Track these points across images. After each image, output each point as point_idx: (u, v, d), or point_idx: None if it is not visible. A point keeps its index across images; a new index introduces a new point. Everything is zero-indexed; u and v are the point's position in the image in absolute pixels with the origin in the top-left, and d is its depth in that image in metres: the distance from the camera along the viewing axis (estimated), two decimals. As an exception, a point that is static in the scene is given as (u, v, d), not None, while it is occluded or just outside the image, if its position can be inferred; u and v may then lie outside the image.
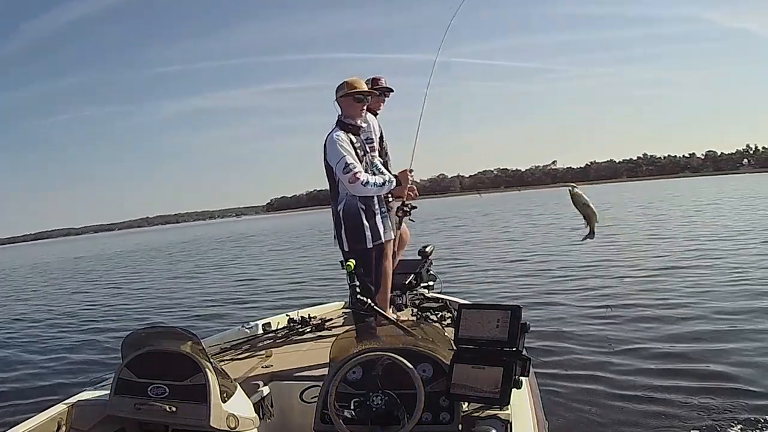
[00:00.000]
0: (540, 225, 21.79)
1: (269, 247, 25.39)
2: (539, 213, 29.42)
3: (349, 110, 3.27)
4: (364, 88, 3.33)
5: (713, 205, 24.46)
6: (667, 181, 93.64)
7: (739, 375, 4.14)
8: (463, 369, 2.06)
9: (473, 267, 11.53)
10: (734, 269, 8.28)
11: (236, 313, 8.67)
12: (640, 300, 6.83)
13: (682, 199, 32.59)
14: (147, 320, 9.19)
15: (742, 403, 3.68)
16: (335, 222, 3.30)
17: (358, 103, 3.27)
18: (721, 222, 16.07)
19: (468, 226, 23.93)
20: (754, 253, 9.59)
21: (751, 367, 4.26)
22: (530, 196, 48.19)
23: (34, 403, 4.85)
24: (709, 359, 4.54)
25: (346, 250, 3.25)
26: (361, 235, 3.24)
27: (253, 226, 63.15)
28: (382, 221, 3.35)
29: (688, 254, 10.31)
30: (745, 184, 47.28)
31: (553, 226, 20.13)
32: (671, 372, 4.35)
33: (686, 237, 13.14)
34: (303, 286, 11.25)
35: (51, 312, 11.52)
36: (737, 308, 5.97)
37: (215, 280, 14.17)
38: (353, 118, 3.29)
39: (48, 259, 39.18)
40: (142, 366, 2.31)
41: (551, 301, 7.27)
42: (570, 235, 16.26)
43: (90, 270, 23.83)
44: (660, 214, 21.59)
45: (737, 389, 3.90)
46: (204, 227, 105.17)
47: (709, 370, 4.30)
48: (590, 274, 9.20)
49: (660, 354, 4.78)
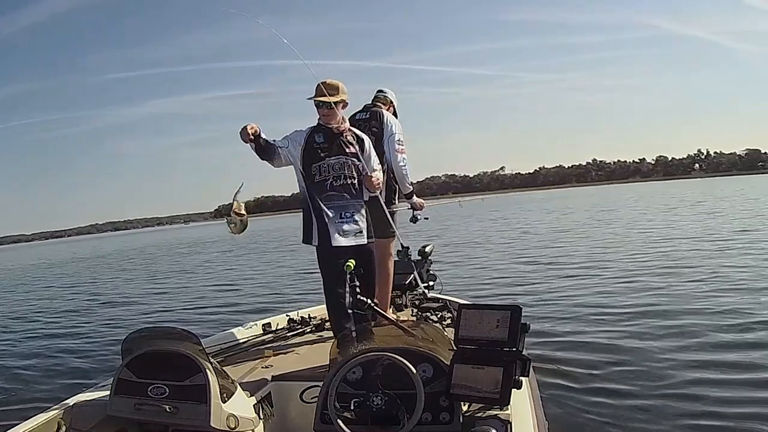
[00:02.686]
0: (538, 226, 21.81)
1: (238, 252, 25.02)
2: (507, 217, 29.24)
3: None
4: (324, 94, 3.21)
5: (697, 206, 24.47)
6: (618, 186, 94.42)
7: (742, 375, 4.14)
8: (463, 369, 2.06)
9: (473, 267, 11.54)
10: (736, 269, 8.29)
11: (237, 314, 8.68)
12: (641, 300, 6.83)
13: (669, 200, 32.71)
14: (146, 321, 9.19)
15: (743, 404, 3.68)
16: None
17: (318, 109, 3.27)
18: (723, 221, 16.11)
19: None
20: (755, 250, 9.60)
21: (753, 369, 4.25)
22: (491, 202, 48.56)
23: (34, 403, 4.84)
24: (710, 359, 4.53)
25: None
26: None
27: (204, 232, 61.47)
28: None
29: (689, 254, 10.31)
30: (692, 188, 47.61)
31: (551, 227, 20.17)
32: (671, 372, 4.35)
33: (687, 237, 13.15)
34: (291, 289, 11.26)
35: (51, 312, 11.53)
36: (741, 307, 5.97)
37: (200, 284, 14.02)
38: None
39: (37, 261, 39.04)
40: (142, 366, 2.31)
41: (551, 301, 7.27)
42: (570, 235, 16.34)
43: (84, 271, 23.83)
44: (663, 214, 21.63)
45: (738, 390, 3.90)
46: (153, 234, 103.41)
47: (709, 371, 4.30)
48: (590, 274, 9.20)
49: (660, 354, 4.77)
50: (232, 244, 27.49)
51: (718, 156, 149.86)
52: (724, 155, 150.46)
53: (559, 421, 3.59)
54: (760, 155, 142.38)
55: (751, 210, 19.81)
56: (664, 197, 37.43)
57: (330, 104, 3.18)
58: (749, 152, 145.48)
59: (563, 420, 3.66)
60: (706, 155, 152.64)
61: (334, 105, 3.19)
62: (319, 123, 3.27)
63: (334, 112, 3.21)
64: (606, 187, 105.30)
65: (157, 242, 48.16)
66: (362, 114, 3.87)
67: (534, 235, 17.66)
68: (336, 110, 3.21)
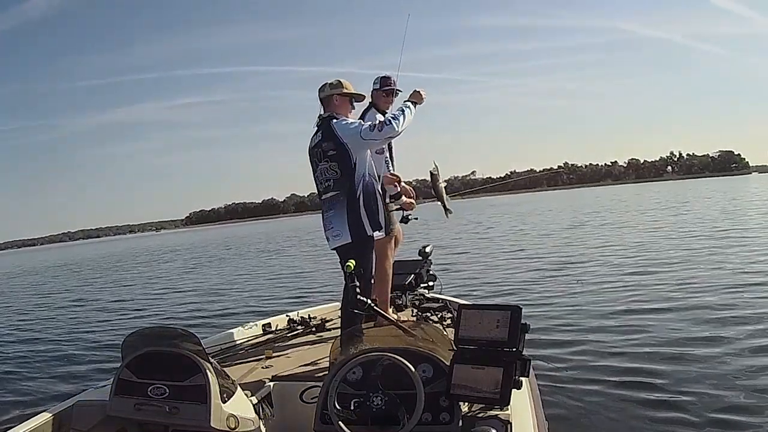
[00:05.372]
0: (535, 226, 21.81)
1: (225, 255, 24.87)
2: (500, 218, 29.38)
3: (342, 110, 3.31)
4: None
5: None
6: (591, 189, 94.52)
7: (742, 375, 4.14)
8: (463, 369, 2.06)
9: (473, 267, 11.54)
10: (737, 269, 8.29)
11: (237, 314, 8.68)
12: (641, 300, 6.83)
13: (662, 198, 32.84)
14: (146, 321, 9.20)
15: (743, 404, 3.68)
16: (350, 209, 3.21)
17: (350, 105, 3.35)
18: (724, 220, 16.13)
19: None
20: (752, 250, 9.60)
21: (753, 370, 4.25)
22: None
23: (34, 403, 4.85)
24: (710, 360, 4.53)
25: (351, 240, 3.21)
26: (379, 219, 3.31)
27: (177, 240, 60.59)
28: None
29: (689, 254, 10.31)
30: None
31: (548, 227, 20.17)
32: (672, 372, 4.35)
33: (687, 237, 13.16)
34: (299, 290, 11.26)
35: (50, 312, 11.53)
36: (741, 309, 5.97)
37: (200, 285, 14.03)
38: (346, 117, 3.31)
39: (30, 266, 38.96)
40: (142, 366, 2.31)
41: (551, 302, 7.27)
42: (570, 236, 16.34)
43: (80, 275, 23.82)
44: (669, 213, 21.63)
45: (738, 389, 3.90)
46: (126, 241, 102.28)
47: (710, 371, 4.30)
48: (590, 274, 9.20)
49: (661, 355, 4.77)
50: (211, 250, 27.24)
51: (690, 158, 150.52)
52: (697, 157, 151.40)
53: (559, 421, 3.59)
54: (733, 156, 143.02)
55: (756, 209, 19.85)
56: (673, 196, 37.61)
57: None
58: (722, 154, 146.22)
59: (563, 420, 3.66)
60: (678, 157, 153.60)
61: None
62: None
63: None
64: (580, 190, 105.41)
65: (143, 249, 47.61)
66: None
67: (534, 235, 17.67)
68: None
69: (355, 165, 3.19)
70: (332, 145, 3.19)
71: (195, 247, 35.76)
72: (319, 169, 3.31)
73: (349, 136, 3.15)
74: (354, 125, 3.19)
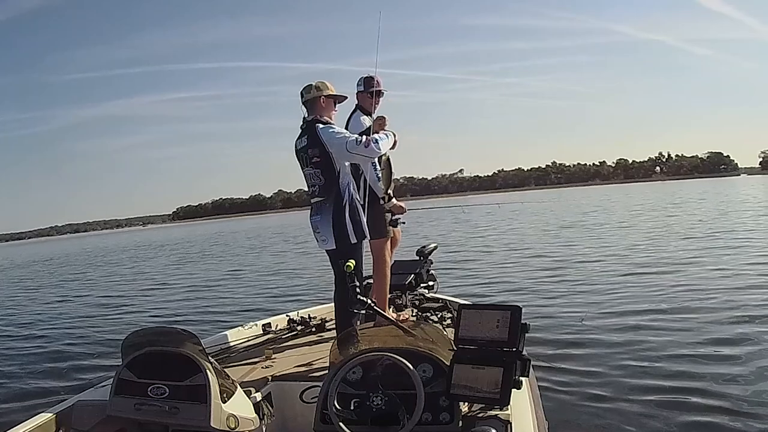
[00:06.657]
0: (534, 227, 21.80)
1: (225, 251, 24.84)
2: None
3: (327, 111, 3.34)
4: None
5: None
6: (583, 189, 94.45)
7: (742, 375, 4.14)
8: (463, 369, 2.07)
9: (473, 267, 11.53)
10: (738, 271, 8.29)
11: (237, 314, 8.68)
12: (641, 300, 6.83)
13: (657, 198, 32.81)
14: (146, 321, 9.19)
15: (743, 404, 3.68)
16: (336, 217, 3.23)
17: (333, 106, 3.38)
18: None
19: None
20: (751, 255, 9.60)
21: (753, 372, 4.25)
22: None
23: (34, 403, 4.84)
24: (711, 360, 4.53)
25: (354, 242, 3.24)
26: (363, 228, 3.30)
27: (165, 235, 60.12)
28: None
29: (689, 254, 10.31)
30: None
31: (546, 228, 20.16)
32: (672, 371, 4.35)
33: (686, 236, 13.16)
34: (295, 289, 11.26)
35: (50, 312, 11.52)
36: (743, 305, 5.97)
37: (200, 285, 13.99)
38: (330, 119, 3.35)
39: (22, 261, 38.92)
40: (142, 366, 2.31)
41: (551, 302, 7.27)
42: (570, 236, 16.33)
43: (78, 271, 23.80)
44: (669, 215, 21.62)
45: (738, 390, 3.90)
46: (114, 236, 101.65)
47: (710, 371, 4.30)
48: (590, 274, 9.20)
49: (661, 355, 4.77)
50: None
51: (679, 159, 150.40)
52: (686, 158, 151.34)
53: (559, 421, 3.59)
54: (722, 158, 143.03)
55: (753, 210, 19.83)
56: (665, 196, 37.60)
57: None
58: (711, 155, 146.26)
59: (563, 420, 3.66)
60: (667, 158, 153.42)
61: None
62: (324, 120, 3.33)
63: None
64: (569, 189, 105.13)
65: (136, 244, 47.30)
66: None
67: (534, 236, 17.66)
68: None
69: (338, 173, 3.23)
70: (317, 152, 3.21)
71: (184, 242, 35.57)
72: (305, 173, 3.37)
73: (335, 145, 3.18)
74: (340, 135, 3.20)
